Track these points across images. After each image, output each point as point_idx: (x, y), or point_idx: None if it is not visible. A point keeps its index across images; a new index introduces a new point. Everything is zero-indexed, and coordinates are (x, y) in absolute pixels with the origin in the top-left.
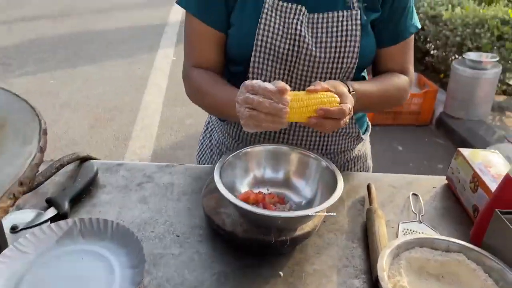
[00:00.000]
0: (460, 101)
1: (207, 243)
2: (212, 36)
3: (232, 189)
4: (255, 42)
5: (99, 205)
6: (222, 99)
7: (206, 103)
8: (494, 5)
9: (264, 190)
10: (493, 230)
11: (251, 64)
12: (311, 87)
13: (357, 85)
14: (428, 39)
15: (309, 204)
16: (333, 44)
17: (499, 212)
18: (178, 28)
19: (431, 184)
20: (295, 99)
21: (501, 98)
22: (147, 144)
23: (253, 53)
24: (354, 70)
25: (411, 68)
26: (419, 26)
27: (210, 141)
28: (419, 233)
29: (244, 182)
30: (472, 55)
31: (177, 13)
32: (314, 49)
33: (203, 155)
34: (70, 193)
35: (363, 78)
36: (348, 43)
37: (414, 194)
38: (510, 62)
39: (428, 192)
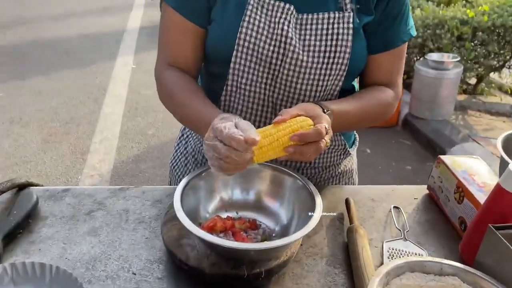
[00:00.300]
0: (425, 102)
1: (169, 280)
2: (191, 31)
3: (195, 215)
4: (237, 41)
5: (39, 242)
6: (198, 117)
7: (178, 114)
8: (452, 6)
9: (233, 214)
10: (486, 247)
11: (232, 65)
12: (278, 118)
13: (334, 106)
14: None
15: (285, 228)
16: (322, 48)
17: (493, 228)
18: (137, 35)
19: (411, 194)
20: (264, 135)
21: (462, 97)
22: (107, 157)
23: (234, 53)
24: (343, 78)
25: (400, 80)
26: (414, 34)
27: (185, 148)
28: (406, 253)
29: (209, 206)
30: (434, 56)
31: (136, 20)
32: (301, 52)
33: (177, 163)
34: (3, 228)
35: (353, 88)
36: (338, 48)
37: (395, 207)
38: (469, 62)
39: (409, 204)
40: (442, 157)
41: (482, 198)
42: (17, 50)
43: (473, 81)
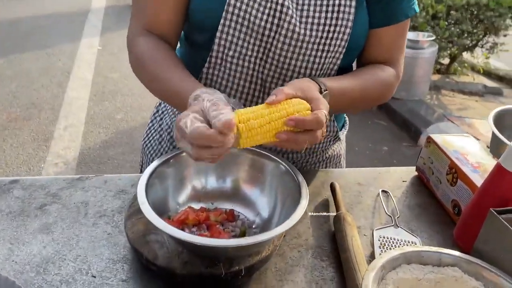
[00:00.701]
0: (400, 82)
1: (135, 282)
2: None
3: (164, 208)
4: (225, 8)
5: None
6: (175, 92)
7: (151, 87)
8: None
9: (207, 205)
10: (487, 233)
11: (218, 34)
12: (272, 98)
13: (331, 83)
14: None
15: (266, 219)
16: (322, 21)
17: (495, 212)
18: (102, 15)
19: (400, 177)
20: (254, 117)
21: (436, 77)
22: (72, 144)
23: (221, 20)
24: (341, 56)
25: (402, 59)
26: (417, 10)
27: (160, 125)
28: (398, 241)
29: (180, 197)
30: (409, 35)
31: None
32: (298, 24)
33: (150, 142)
34: None
35: (351, 68)
36: (339, 21)
37: (383, 191)
38: (443, 41)
39: (398, 188)
40: (432, 136)
41: (477, 179)
42: None
43: (446, 61)
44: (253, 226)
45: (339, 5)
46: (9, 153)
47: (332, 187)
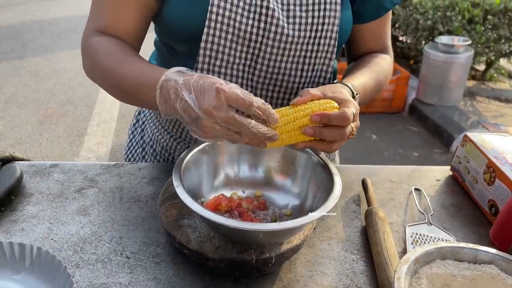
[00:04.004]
0: (433, 87)
1: (167, 265)
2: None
3: (197, 193)
4: (208, 15)
5: (22, 221)
6: (137, 81)
7: (110, 86)
8: None
9: (239, 193)
10: None
11: (202, 44)
12: (297, 99)
13: (354, 81)
14: (397, 25)
15: (298, 208)
16: (309, 21)
17: None
18: None
19: (433, 176)
20: (279, 114)
21: (470, 83)
22: (104, 140)
23: (205, 29)
24: (333, 56)
25: (390, 43)
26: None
27: (141, 137)
28: (432, 238)
29: (213, 183)
30: (444, 39)
31: None
32: (286, 25)
33: (132, 156)
34: None
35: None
36: (326, 20)
37: (416, 189)
38: (480, 46)
39: (432, 186)
40: (469, 134)
41: None
42: (14, 30)
43: (481, 67)
44: (284, 216)
45: (325, 3)
46: (45, 147)
47: (364, 183)
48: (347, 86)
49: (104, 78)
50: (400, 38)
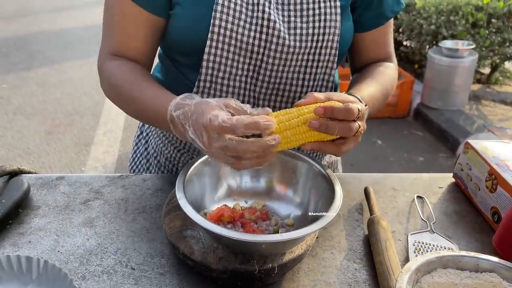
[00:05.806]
0: (438, 91)
1: (172, 276)
2: (144, 20)
3: (201, 205)
4: (210, 28)
5: (30, 234)
6: (152, 109)
7: (128, 110)
8: None
9: (242, 203)
10: None
11: (205, 57)
12: (300, 100)
13: (363, 93)
14: (401, 30)
15: (301, 218)
16: (310, 31)
17: None
18: None
19: (436, 183)
20: (283, 113)
21: (475, 87)
22: (111, 149)
23: (208, 42)
24: (334, 65)
25: (393, 50)
26: (404, 5)
27: (145, 148)
28: (434, 247)
29: (216, 194)
30: (448, 43)
31: None
32: (287, 37)
33: (137, 167)
34: None
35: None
36: (327, 30)
37: (419, 197)
38: (484, 49)
39: (434, 194)
40: (471, 142)
41: None
42: (21, 41)
43: (486, 70)
44: (286, 226)
45: (325, 13)
46: (53, 157)
47: (366, 191)
48: (356, 97)
49: (123, 105)
50: (404, 43)
